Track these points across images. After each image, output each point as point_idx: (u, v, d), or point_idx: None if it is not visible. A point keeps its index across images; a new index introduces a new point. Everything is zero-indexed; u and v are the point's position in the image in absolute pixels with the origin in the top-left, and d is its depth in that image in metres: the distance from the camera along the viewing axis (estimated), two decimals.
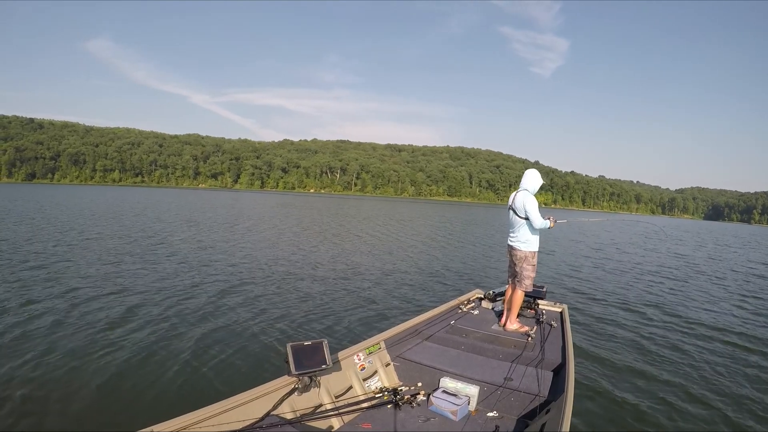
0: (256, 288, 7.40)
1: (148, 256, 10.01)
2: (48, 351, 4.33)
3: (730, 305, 8.36)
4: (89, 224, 16.15)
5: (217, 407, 2.16)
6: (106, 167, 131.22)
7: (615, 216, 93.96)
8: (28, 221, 16.09)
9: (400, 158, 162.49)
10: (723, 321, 7.06)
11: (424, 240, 17.49)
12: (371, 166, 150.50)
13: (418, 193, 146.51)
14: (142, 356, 4.34)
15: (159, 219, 20.14)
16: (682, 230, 44.48)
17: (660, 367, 4.86)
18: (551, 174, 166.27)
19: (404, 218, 31.86)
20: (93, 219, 18.35)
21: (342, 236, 17.01)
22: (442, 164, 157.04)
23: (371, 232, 19.19)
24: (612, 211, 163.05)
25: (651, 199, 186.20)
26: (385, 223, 25.18)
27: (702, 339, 5.98)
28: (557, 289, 8.60)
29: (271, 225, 20.18)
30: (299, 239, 15.03)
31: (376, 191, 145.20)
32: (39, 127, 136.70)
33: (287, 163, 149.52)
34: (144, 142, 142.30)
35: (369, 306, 6.65)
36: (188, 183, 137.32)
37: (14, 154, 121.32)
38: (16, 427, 3.06)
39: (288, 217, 25.91)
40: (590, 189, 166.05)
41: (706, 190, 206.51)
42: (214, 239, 13.70)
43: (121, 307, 5.86)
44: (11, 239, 11.38)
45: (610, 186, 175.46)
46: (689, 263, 15.01)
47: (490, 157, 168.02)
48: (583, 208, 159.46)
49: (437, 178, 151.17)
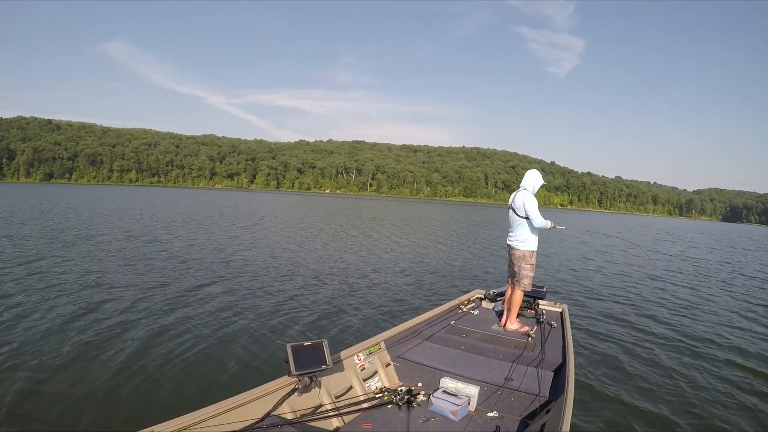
0: (256, 288, 7.35)
1: (147, 255, 9.93)
2: (48, 351, 4.29)
3: (733, 307, 8.21)
4: (81, 224, 15.78)
5: (217, 407, 2.15)
6: (123, 167, 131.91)
7: (623, 217, 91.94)
8: (46, 220, 15.95)
9: (416, 159, 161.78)
10: (724, 322, 7.02)
11: (427, 240, 17.24)
12: (387, 167, 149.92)
13: (434, 194, 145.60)
14: (142, 356, 4.30)
15: (160, 218, 20.02)
16: (696, 232, 44.30)
17: (660, 367, 4.84)
18: (567, 174, 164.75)
19: (412, 219, 31.67)
20: (78, 218, 17.85)
21: (345, 236, 16.85)
22: (458, 165, 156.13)
23: (375, 233, 18.93)
24: (629, 212, 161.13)
25: (668, 200, 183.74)
26: (392, 224, 24.91)
27: (703, 339, 5.98)
28: (557, 289, 8.58)
29: (276, 224, 20.07)
30: (302, 239, 14.97)
31: (391, 192, 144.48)
32: (57, 128, 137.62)
33: (303, 163, 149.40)
34: (161, 143, 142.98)
35: (369, 306, 6.63)
36: (204, 183, 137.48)
37: (32, 154, 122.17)
38: (16, 428, 3.06)
39: (295, 217, 25.71)
40: (607, 190, 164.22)
41: (724, 191, 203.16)
42: (216, 239, 13.59)
43: (120, 307, 5.82)
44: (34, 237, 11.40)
45: (626, 187, 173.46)
46: (696, 266, 14.57)
47: (506, 157, 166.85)
48: (599, 209, 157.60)
49: (453, 178, 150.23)
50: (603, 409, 3.77)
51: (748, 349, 5.68)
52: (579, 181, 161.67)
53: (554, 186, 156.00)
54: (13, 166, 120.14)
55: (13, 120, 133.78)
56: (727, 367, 5.00)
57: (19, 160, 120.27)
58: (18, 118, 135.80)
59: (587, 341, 5.52)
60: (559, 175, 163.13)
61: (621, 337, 5.78)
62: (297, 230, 18.06)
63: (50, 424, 3.11)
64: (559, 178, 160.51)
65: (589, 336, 5.76)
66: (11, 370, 3.85)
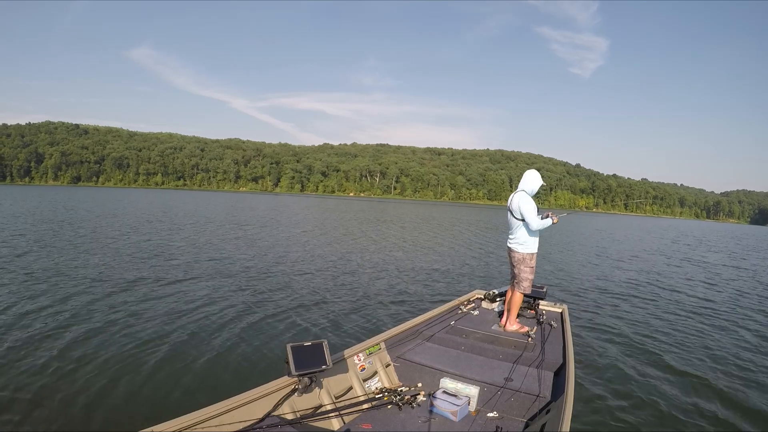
0: (255, 288, 7.31)
1: (145, 254, 9.94)
2: (48, 351, 4.29)
3: (736, 309, 8.11)
4: (82, 223, 15.89)
5: (217, 407, 2.15)
6: (149, 171, 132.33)
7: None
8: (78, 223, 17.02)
9: (440, 162, 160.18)
10: (725, 322, 7.01)
11: (431, 241, 17.14)
12: (410, 170, 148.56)
13: (458, 197, 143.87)
14: (142, 357, 4.27)
15: (164, 217, 20.35)
16: (720, 234, 43.34)
17: (661, 367, 4.85)
18: (593, 177, 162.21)
19: (425, 221, 31.33)
20: (78, 217, 17.75)
21: (350, 237, 16.76)
22: (482, 167, 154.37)
23: (381, 234, 18.83)
24: (655, 215, 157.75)
25: (695, 203, 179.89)
26: (402, 226, 24.82)
27: (704, 340, 5.96)
28: (557, 290, 8.57)
29: (283, 226, 20.05)
30: (304, 240, 14.98)
31: (415, 195, 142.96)
32: (84, 133, 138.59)
33: (327, 166, 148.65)
34: (186, 147, 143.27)
35: (369, 306, 6.62)
36: (229, 186, 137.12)
37: (60, 158, 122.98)
38: (16, 428, 3.07)
39: (304, 219, 25.67)
40: (633, 192, 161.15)
41: (752, 193, 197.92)
42: (217, 239, 13.78)
43: (119, 307, 5.78)
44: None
45: (653, 189, 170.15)
46: (703, 268, 14.27)
47: (531, 160, 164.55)
48: (625, 212, 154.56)
49: (477, 181, 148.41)
50: (603, 409, 3.76)
51: (748, 349, 5.70)
52: (605, 183, 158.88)
53: (579, 189, 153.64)
54: (41, 170, 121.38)
55: (42, 125, 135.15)
56: (728, 366, 5.01)
57: (47, 163, 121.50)
58: (46, 122, 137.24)
59: (587, 341, 5.55)
60: (584, 177, 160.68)
61: (621, 338, 5.81)
62: (299, 231, 18.07)
63: (51, 424, 3.11)
64: (585, 181, 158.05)
65: (589, 336, 5.78)
66: (11, 370, 3.83)
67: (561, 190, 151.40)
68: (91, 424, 3.14)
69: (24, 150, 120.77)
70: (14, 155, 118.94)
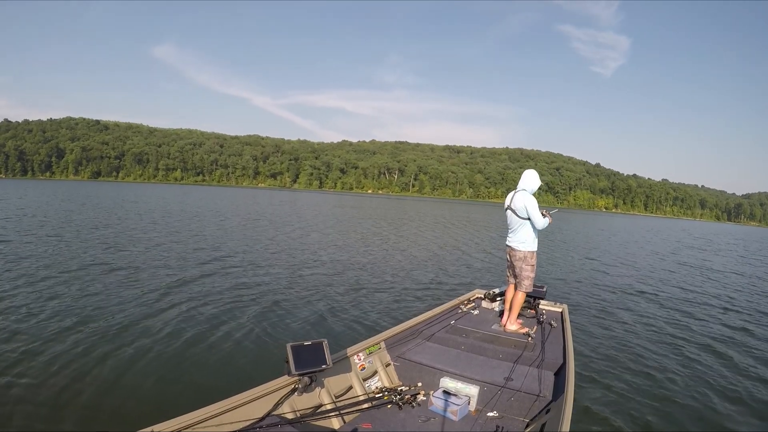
0: (255, 287, 7.23)
1: (144, 253, 9.80)
2: (48, 351, 4.26)
3: (737, 310, 8.13)
4: (81, 224, 15.40)
5: (217, 407, 2.16)
6: (169, 166, 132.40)
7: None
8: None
9: (459, 160, 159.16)
10: (726, 323, 6.98)
11: (434, 242, 16.76)
12: (429, 168, 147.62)
13: (476, 195, 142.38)
14: (141, 356, 4.27)
15: (168, 216, 19.77)
16: (735, 237, 42.04)
17: (661, 367, 4.86)
18: (612, 177, 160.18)
19: (433, 219, 30.89)
20: (77, 216, 17.34)
21: (354, 237, 16.41)
22: (501, 166, 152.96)
23: (384, 234, 18.34)
24: (675, 216, 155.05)
25: (716, 205, 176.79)
26: (405, 225, 24.31)
27: (704, 340, 5.95)
28: (558, 289, 8.54)
29: (286, 224, 19.65)
30: (306, 239, 14.74)
31: (433, 192, 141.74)
32: (104, 128, 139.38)
33: (345, 163, 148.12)
34: (205, 143, 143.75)
35: (369, 306, 6.59)
36: (248, 182, 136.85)
37: (81, 153, 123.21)
38: (16, 427, 3.08)
39: (308, 217, 25.06)
40: (653, 193, 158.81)
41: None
42: (218, 238, 13.46)
43: (118, 307, 5.72)
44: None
45: (673, 190, 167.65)
46: (705, 270, 14.13)
47: (550, 159, 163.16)
48: (645, 213, 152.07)
49: (496, 180, 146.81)
50: (603, 409, 3.76)
51: (749, 349, 5.68)
52: (624, 183, 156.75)
53: (599, 189, 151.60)
54: (62, 164, 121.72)
55: (63, 120, 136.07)
56: (728, 367, 5.00)
57: (68, 158, 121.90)
58: (67, 118, 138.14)
59: (587, 341, 5.53)
60: (604, 177, 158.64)
61: (621, 337, 5.79)
62: (301, 230, 17.61)
63: (51, 424, 3.10)
64: (604, 181, 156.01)
65: (590, 336, 5.76)
66: (11, 370, 3.79)
67: (580, 190, 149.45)
68: (91, 423, 3.13)
69: (45, 145, 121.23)
70: (36, 150, 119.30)
